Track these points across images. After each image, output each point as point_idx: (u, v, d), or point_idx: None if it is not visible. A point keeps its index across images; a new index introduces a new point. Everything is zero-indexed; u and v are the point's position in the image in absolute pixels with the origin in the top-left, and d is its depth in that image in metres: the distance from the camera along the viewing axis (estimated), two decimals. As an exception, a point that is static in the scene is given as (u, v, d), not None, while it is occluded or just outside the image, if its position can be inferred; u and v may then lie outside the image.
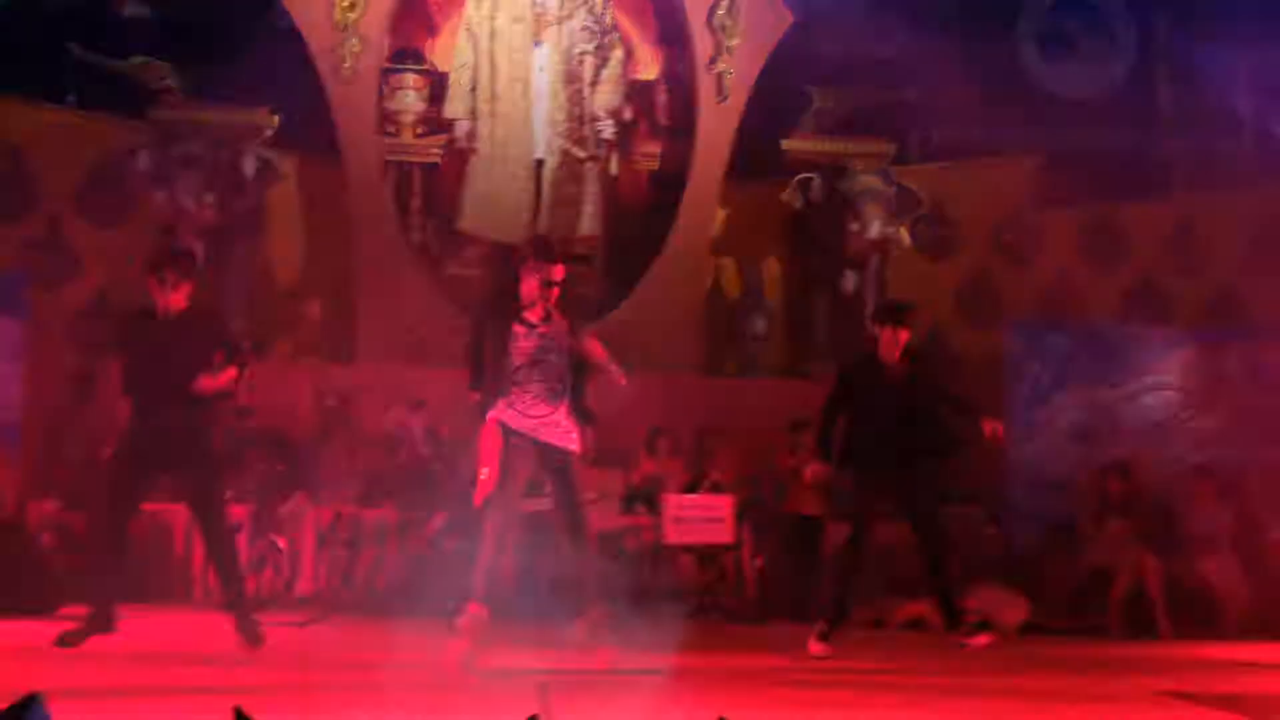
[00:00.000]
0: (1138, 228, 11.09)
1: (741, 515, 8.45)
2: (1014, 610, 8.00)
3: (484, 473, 5.42)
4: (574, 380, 5.59)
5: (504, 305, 5.56)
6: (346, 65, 10.59)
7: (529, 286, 5.49)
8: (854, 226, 10.78)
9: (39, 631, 6.06)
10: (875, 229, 10.77)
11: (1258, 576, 8.39)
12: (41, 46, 10.00)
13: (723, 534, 8.35)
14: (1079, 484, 8.97)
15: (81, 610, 5.96)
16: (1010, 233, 11.19)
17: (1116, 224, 11.15)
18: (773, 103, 10.92)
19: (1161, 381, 9.25)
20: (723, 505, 8.40)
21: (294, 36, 10.44)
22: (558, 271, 5.51)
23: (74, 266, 10.10)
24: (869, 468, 6.35)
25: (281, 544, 7.95)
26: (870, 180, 10.84)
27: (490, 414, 5.49)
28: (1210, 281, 10.84)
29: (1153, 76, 11.66)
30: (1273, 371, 9.05)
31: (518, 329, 5.48)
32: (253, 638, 5.75)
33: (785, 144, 11.01)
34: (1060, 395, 9.27)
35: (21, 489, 8.21)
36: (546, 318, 5.53)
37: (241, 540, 7.86)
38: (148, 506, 6.53)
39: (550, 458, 5.55)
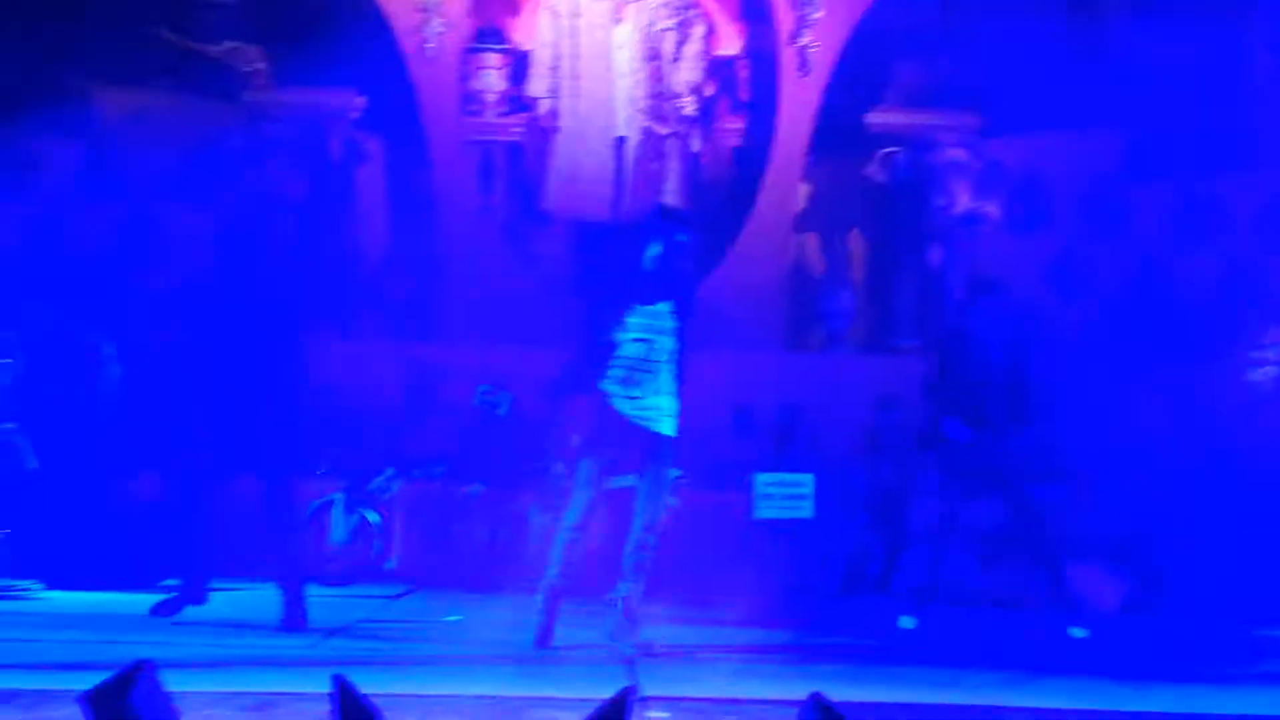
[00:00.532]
0: (1232, 201, 10.79)
1: (824, 492, 8.40)
2: (1102, 590, 7.83)
3: (577, 444, 5.44)
4: (677, 362, 5.52)
5: (622, 282, 5.51)
6: (430, 45, 10.68)
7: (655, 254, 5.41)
8: (940, 201, 10.61)
9: (143, 604, 6.25)
10: (962, 203, 10.60)
11: None
12: (136, 33, 10.22)
13: (806, 510, 8.31)
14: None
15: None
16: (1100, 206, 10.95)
17: (1210, 197, 10.86)
18: (857, 76, 10.77)
19: (1260, 358, 9.00)
20: (806, 482, 8.36)
21: (378, 18, 10.55)
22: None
23: (166, 249, 10.34)
24: (963, 444, 6.28)
25: (373, 519, 8.08)
26: (957, 153, 10.65)
27: (590, 391, 5.44)
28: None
29: (1248, 43, 11.29)
30: None
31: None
32: (295, 619, 5.79)
33: (870, 118, 10.87)
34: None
35: (128, 463, 8.44)
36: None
37: (334, 516, 8.02)
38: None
39: (646, 439, 5.49)
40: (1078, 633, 6.26)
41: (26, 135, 9.92)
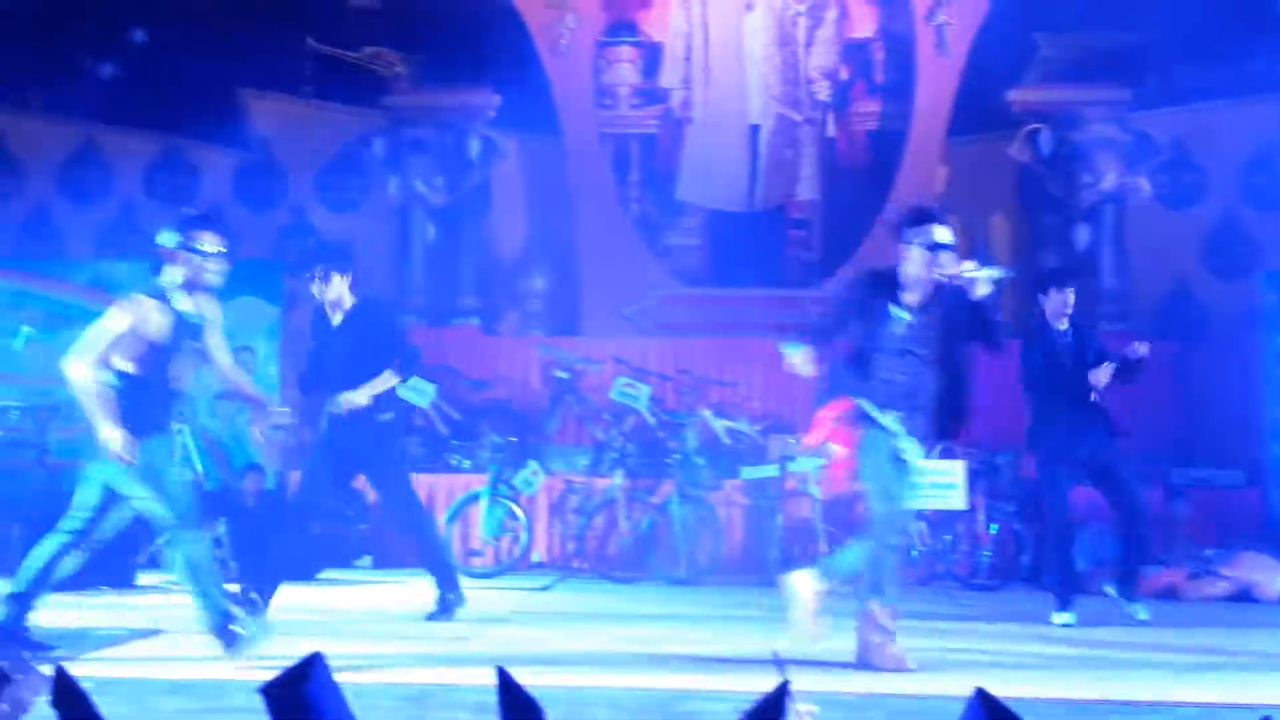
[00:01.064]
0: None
1: (974, 480, 8.21)
2: (1275, 578, 7.50)
3: (838, 454, 5.06)
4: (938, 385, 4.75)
5: (879, 284, 4.81)
6: (563, 41, 10.77)
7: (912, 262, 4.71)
8: (1087, 179, 10.26)
9: (299, 595, 6.46)
10: (1111, 180, 10.23)
11: None
12: (283, 41, 10.56)
13: (956, 499, 8.13)
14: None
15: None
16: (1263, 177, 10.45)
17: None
18: (997, 53, 10.47)
19: None
20: (955, 470, 8.18)
21: (512, 16, 10.69)
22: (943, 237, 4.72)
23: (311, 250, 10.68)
24: (1057, 439, 6.19)
25: (517, 512, 8.20)
26: (1105, 129, 10.29)
27: (844, 403, 4.84)
28: None
29: None
30: None
31: (894, 311, 4.72)
32: (444, 611, 5.90)
33: (1011, 95, 10.56)
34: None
35: (283, 462, 8.74)
36: (927, 303, 4.74)
37: (481, 509, 8.16)
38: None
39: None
40: (1141, 613, 6.12)
41: (183, 141, 10.35)
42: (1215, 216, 10.54)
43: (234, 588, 5.46)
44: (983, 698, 2.56)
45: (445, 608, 5.92)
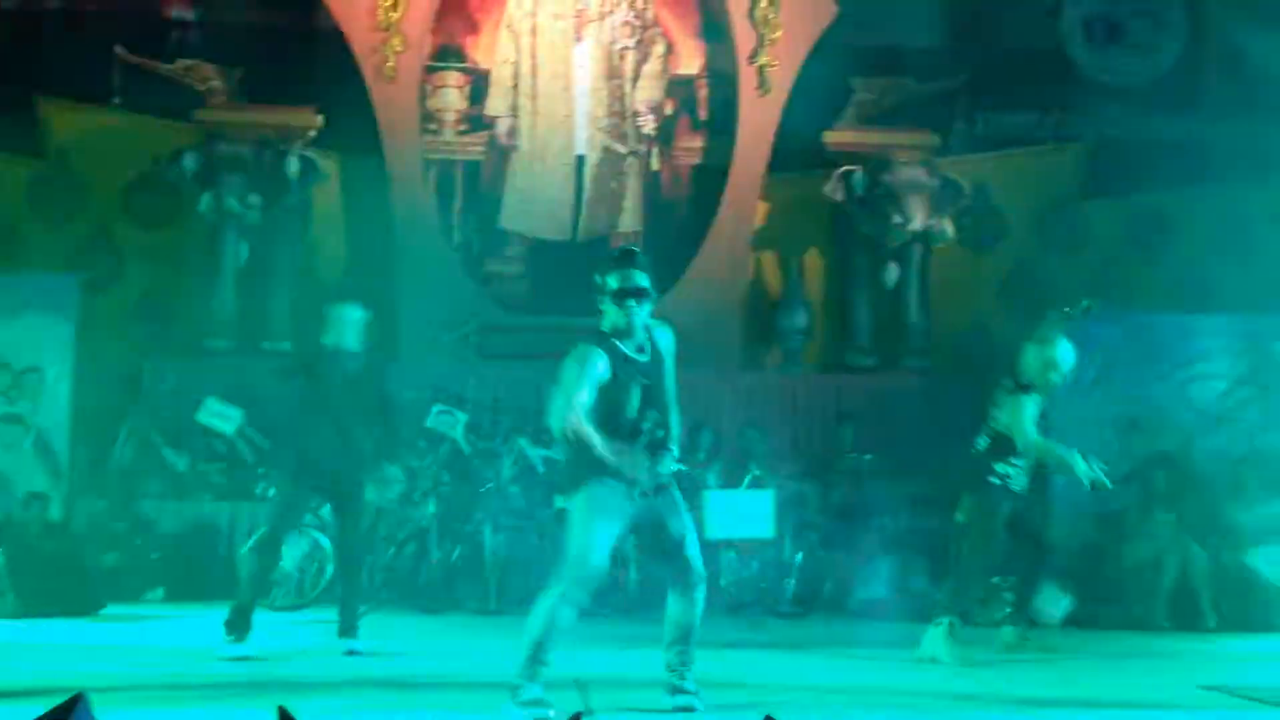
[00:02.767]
0: (1185, 216, 10.94)
1: (782, 510, 8.41)
2: (1059, 603, 7.87)
3: None
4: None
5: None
6: (389, 64, 10.65)
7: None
8: (897, 219, 10.66)
9: (82, 631, 6.16)
10: (918, 221, 10.65)
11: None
12: (88, 50, 10.15)
13: (765, 528, 8.31)
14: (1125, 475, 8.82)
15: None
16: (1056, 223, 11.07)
17: (1163, 212, 11.00)
18: (815, 95, 10.82)
19: (1209, 371, 9.09)
20: (764, 500, 8.37)
21: (337, 37, 10.52)
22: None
23: (121, 268, 10.26)
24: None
25: (322, 543, 7.97)
26: (913, 172, 10.72)
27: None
28: (1258, 270, 10.68)
29: (1200, 62, 11.45)
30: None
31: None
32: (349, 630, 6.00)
33: (827, 137, 10.92)
34: (1107, 386, 9.12)
35: (69, 490, 8.34)
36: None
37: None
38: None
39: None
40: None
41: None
42: (1012, 258, 11.09)
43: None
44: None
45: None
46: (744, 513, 8.37)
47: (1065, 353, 6.28)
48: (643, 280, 4.53)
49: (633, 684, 4.79)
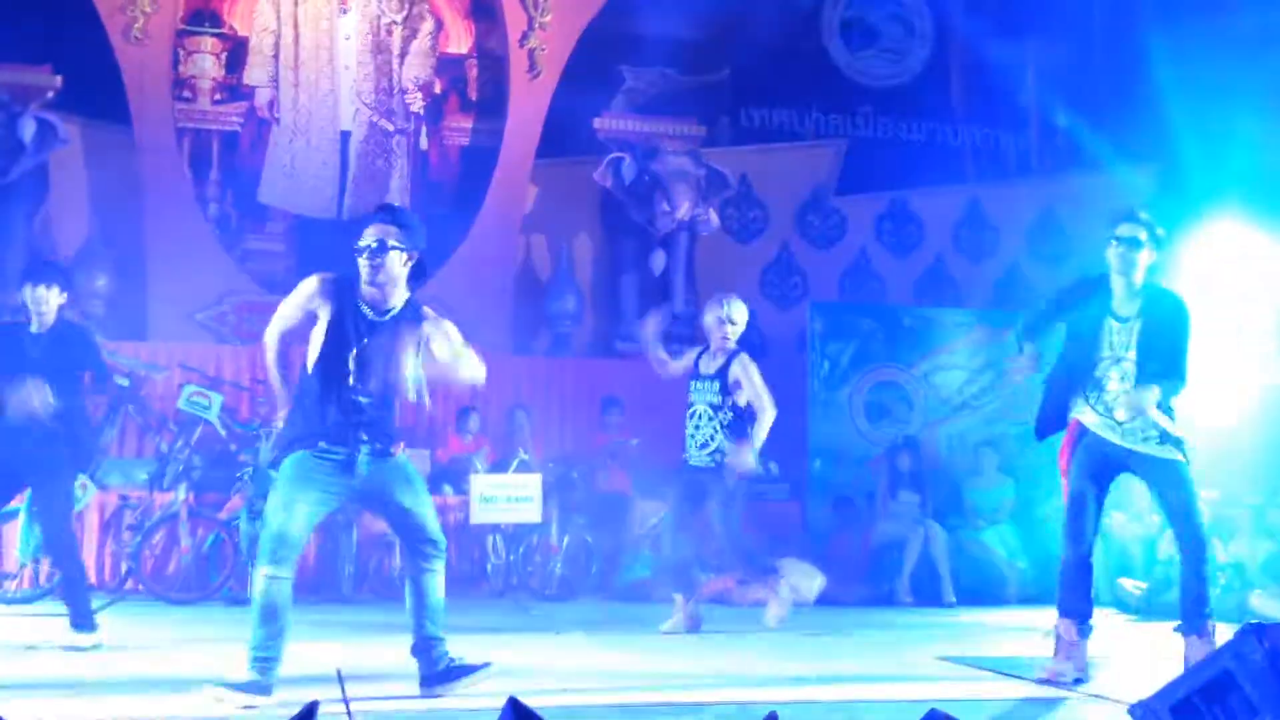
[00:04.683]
0: (931, 213, 11.64)
1: (549, 494, 8.44)
2: (813, 582, 8.22)
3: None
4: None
5: None
6: (138, 25, 10.06)
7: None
8: (664, 207, 10.84)
9: None
10: (685, 210, 10.87)
11: (1034, 547, 8.88)
12: None
13: (530, 513, 8.33)
14: (873, 460, 9.33)
15: None
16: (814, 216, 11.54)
17: (912, 209, 11.67)
18: (585, 81, 10.88)
19: (951, 362, 9.68)
20: (531, 484, 8.38)
21: (81, -8, 9.86)
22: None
23: None
24: None
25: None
26: (680, 161, 10.92)
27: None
28: (997, 266, 11.55)
29: (947, 70, 12.18)
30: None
31: None
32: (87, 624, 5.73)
33: (597, 123, 10.99)
34: (858, 375, 9.59)
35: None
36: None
37: (19, 527, 7.42)
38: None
39: None
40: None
41: None
42: (773, 250, 11.48)
43: None
44: (514, 706, 2.62)
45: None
46: (511, 496, 8.36)
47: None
48: (378, 236, 4.40)
49: (391, 676, 4.70)
